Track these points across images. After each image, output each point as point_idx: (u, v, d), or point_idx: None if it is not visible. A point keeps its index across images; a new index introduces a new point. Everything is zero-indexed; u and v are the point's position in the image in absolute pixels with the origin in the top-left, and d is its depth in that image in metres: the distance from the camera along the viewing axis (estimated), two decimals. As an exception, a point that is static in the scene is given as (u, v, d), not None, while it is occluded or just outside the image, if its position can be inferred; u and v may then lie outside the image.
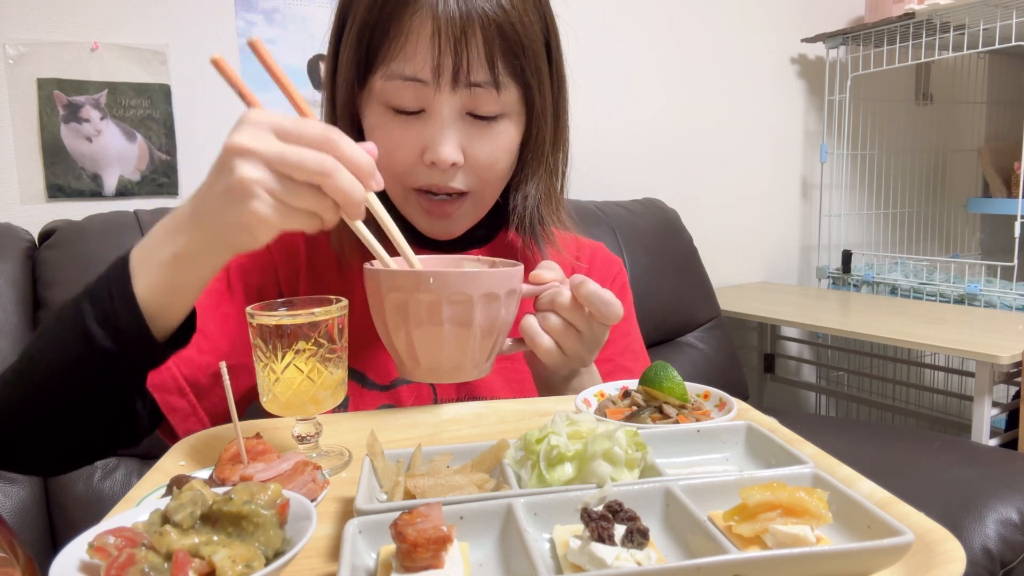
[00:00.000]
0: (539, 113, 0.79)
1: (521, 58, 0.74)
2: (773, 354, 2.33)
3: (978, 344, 1.54)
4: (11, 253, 1.26)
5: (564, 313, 0.71)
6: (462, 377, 0.69)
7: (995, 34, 1.94)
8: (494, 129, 0.77)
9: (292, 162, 0.53)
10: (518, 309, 0.70)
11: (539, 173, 0.84)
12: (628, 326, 0.97)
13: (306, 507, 0.44)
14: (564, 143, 0.86)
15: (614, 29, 2.08)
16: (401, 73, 0.72)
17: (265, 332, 0.58)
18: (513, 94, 0.76)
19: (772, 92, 2.38)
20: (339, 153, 0.54)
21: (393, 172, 0.77)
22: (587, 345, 0.73)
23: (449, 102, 0.73)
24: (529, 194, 0.84)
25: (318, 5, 1.65)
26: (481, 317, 0.64)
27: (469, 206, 0.81)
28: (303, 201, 0.54)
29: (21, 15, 1.39)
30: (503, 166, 0.80)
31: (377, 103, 0.76)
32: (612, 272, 0.99)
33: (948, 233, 2.62)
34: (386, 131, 0.76)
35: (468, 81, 0.72)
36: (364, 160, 0.56)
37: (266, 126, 0.54)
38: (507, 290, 0.66)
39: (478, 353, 0.67)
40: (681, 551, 0.44)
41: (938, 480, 1.32)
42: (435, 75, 0.71)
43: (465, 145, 0.76)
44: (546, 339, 0.72)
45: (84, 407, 0.65)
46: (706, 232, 2.09)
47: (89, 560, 0.40)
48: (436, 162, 0.74)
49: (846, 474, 0.53)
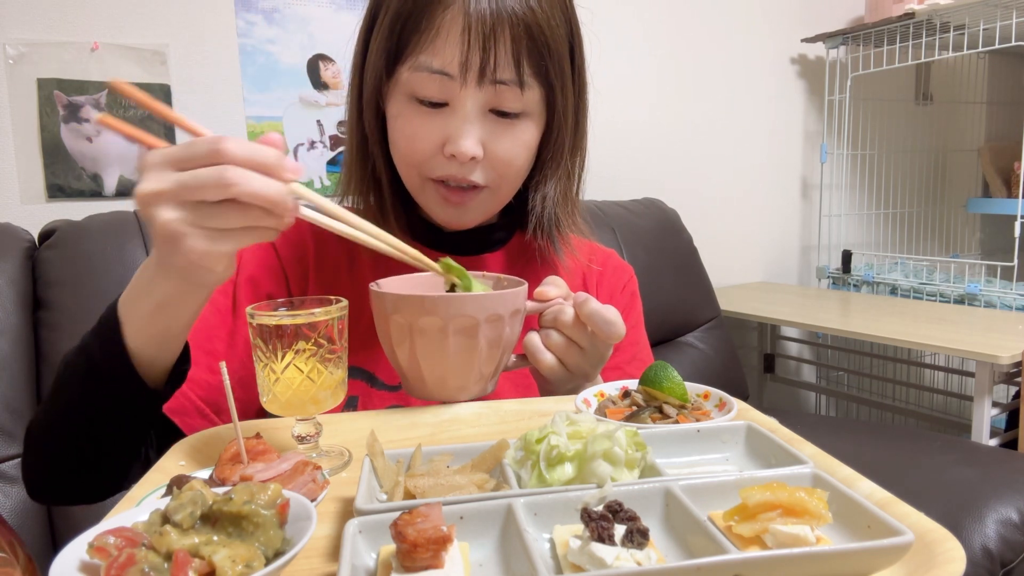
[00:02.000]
0: (560, 114, 0.80)
1: (546, 59, 0.75)
2: (773, 354, 2.32)
3: (978, 344, 1.54)
4: (11, 253, 1.26)
5: (566, 331, 0.71)
6: (466, 396, 0.69)
7: (995, 34, 1.94)
8: (515, 127, 0.78)
9: (193, 186, 0.51)
10: (522, 327, 0.70)
11: (557, 175, 0.84)
12: (637, 335, 0.97)
13: (306, 507, 0.44)
14: (582, 148, 0.87)
15: (615, 29, 2.08)
16: (429, 66, 0.73)
17: (265, 332, 0.58)
18: (536, 94, 0.77)
19: (772, 92, 2.38)
20: (233, 158, 0.51)
21: (412, 161, 0.79)
22: (591, 361, 0.74)
23: (473, 97, 0.74)
24: (548, 195, 0.85)
25: (318, 5, 1.65)
26: (485, 338, 0.65)
27: (485, 197, 0.81)
28: (229, 220, 0.53)
29: (21, 15, 1.39)
30: (521, 163, 0.80)
31: (402, 93, 0.77)
32: (622, 280, 0.99)
33: (948, 233, 2.63)
34: (408, 121, 0.77)
35: (494, 78, 0.73)
36: (264, 155, 0.53)
37: (162, 163, 0.53)
38: (511, 311, 0.66)
39: (483, 372, 0.67)
40: (681, 551, 0.44)
41: (938, 480, 1.32)
42: (462, 70, 0.72)
43: (486, 141, 0.76)
44: (548, 356, 0.72)
45: (110, 447, 0.69)
46: (706, 232, 2.09)
47: (89, 560, 0.40)
48: (456, 155, 0.75)
49: (846, 474, 0.53)
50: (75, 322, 1.23)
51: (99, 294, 1.24)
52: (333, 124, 1.70)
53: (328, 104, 1.69)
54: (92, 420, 0.66)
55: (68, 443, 0.69)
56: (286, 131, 1.64)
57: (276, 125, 1.63)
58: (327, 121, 1.69)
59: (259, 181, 0.52)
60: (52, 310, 1.24)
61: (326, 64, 1.67)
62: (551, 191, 0.85)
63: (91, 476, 0.71)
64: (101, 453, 0.69)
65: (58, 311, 1.24)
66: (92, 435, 0.67)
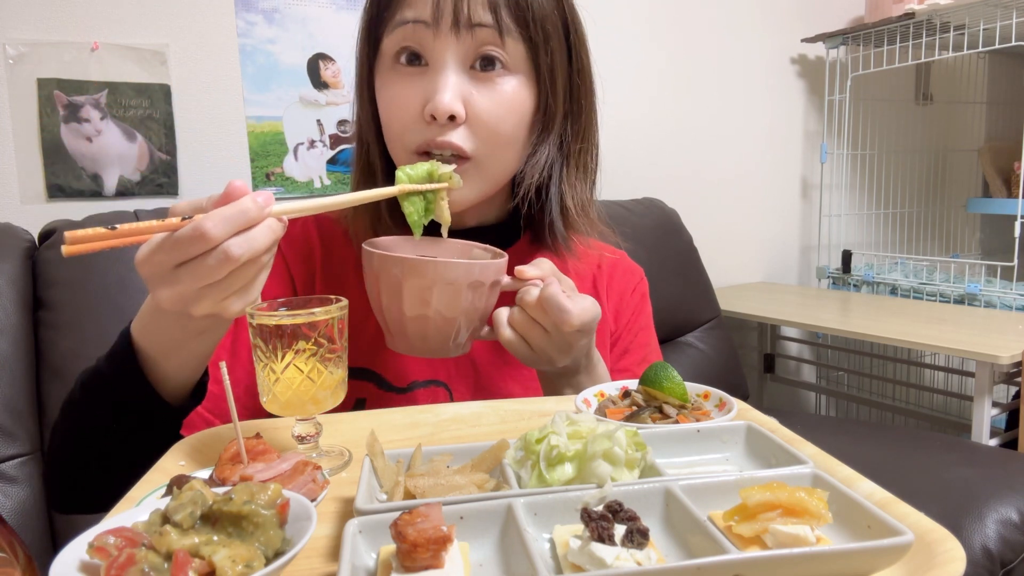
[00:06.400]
0: (545, 76, 0.77)
1: (526, 12, 0.74)
2: (773, 354, 2.32)
3: (978, 344, 1.54)
4: (11, 253, 1.26)
5: (529, 310, 0.72)
6: (443, 354, 0.73)
7: (995, 34, 1.94)
8: (497, 83, 0.75)
9: (203, 276, 0.53)
10: (496, 298, 0.74)
11: (548, 143, 0.81)
12: (647, 337, 0.96)
13: (306, 507, 0.44)
14: (590, 138, 0.86)
15: (614, 29, 2.08)
16: (404, 18, 0.73)
17: (265, 332, 0.58)
18: (519, 50, 0.75)
19: (772, 92, 2.37)
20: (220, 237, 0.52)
21: (397, 131, 0.77)
22: (555, 345, 0.72)
23: (452, 48, 0.73)
24: (538, 162, 0.80)
25: (318, 5, 1.65)
26: (466, 302, 0.69)
27: (472, 172, 0.76)
28: (231, 279, 0.55)
29: (21, 15, 1.39)
30: (507, 127, 0.76)
31: (387, 61, 0.76)
32: (632, 282, 0.98)
33: (948, 233, 2.62)
34: (390, 88, 0.76)
35: (469, 22, 0.72)
36: (244, 216, 0.53)
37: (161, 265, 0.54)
38: (492, 280, 0.71)
39: (460, 335, 0.72)
40: (681, 551, 0.44)
41: (938, 480, 1.32)
42: (435, 15, 0.71)
43: (467, 97, 0.74)
44: (507, 331, 0.73)
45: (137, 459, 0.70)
46: (706, 232, 2.09)
47: (89, 560, 0.40)
48: (435, 113, 0.72)
49: (846, 474, 0.53)
50: (75, 322, 1.23)
51: (99, 294, 1.24)
52: (333, 124, 1.70)
53: (328, 104, 1.69)
54: (122, 441, 0.68)
55: (96, 465, 0.71)
56: (286, 130, 1.64)
57: (276, 125, 1.63)
58: (327, 121, 1.69)
59: (250, 243, 0.53)
60: (52, 310, 1.24)
61: (326, 64, 1.67)
62: (541, 159, 0.80)
63: (119, 488, 0.73)
64: (129, 465, 0.70)
65: (58, 311, 1.24)
66: (120, 454, 0.69)
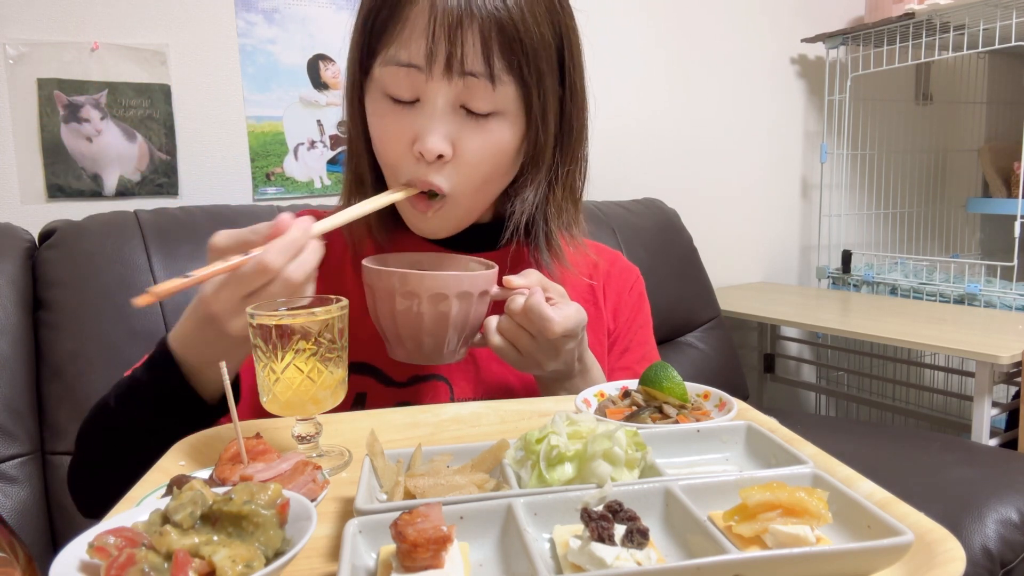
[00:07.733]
0: (537, 116, 0.77)
1: (520, 56, 0.73)
2: (773, 354, 2.32)
3: (978, 344, 1.54)
4: (11, 253, 1.26)
5: (515, 318, 0.74)
6: (438, 361, 0.77)
7: (995, 34, 1.94)
8: (487, 127, 0.75)
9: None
10: (487, 307, 0.77)
11: (538, 180, 0.82)
12: (646, 335, 0.97)
13: (306, 507, 0.44)
14: (578, 155, 0.84)
15: (614, 29, 2.08)
16: (396, 59, 0.73)
17: (265, 332, 0.58)
18: (510, 92, 0.74)
19: (772, 92, 2.37)
20: (280, 265, 0.62)
21: (387, 161, 0.78)
22: (542, 349, 0.74)
23: (443, 91, 0.73)
24: (527, 199, 0.82)
25: (318, 5, 1.65)
26: (456, 312, 0.73)
27: (448, 210, 0.78)
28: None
29: (21, 15, 1.39)
30: (488, 168, 0.77)
31: (377, 90, 0.76)
32: (629, 282, 0.98)
33: (948, 233, 2.62)
34: (381, 118, 0.76)
35: (462, 70, 0.71)
36: (294, 243, 0.63)
37: (236, 301, 0.62)
38: (480, 291, 0.74)
39: (452, 342, 0.76)
40: (681, 551, 0.44)
41: (938, 480, 1.32)
42: (428, 61, 0.71)
43: (456, 139, 0.74)
44: (496, 338, 0.76)
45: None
46: (706, 232, 2.09)
47: (89, 560, 0.40)
48: (423, 152, 0.73)
49: (846, 474, 0.53)
50: (75, 322, 1.23)
51: (99, 294, 1.24)
52: (333, 124, 1.70)
53: (328, 104, 1.69)
54: (163, 442, 0.68)
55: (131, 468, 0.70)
56: (286, 131, 1.64)
57: (276, 125, 1.63)
58: (327, 121, 1.69)
59: (303, 267, 0.64)
60: (52, 310, 1.24)
61: (326, 64, 1.67)
62: (532, 195, 0.82)
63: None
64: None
65: (58, 311, 1.24)
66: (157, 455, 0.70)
